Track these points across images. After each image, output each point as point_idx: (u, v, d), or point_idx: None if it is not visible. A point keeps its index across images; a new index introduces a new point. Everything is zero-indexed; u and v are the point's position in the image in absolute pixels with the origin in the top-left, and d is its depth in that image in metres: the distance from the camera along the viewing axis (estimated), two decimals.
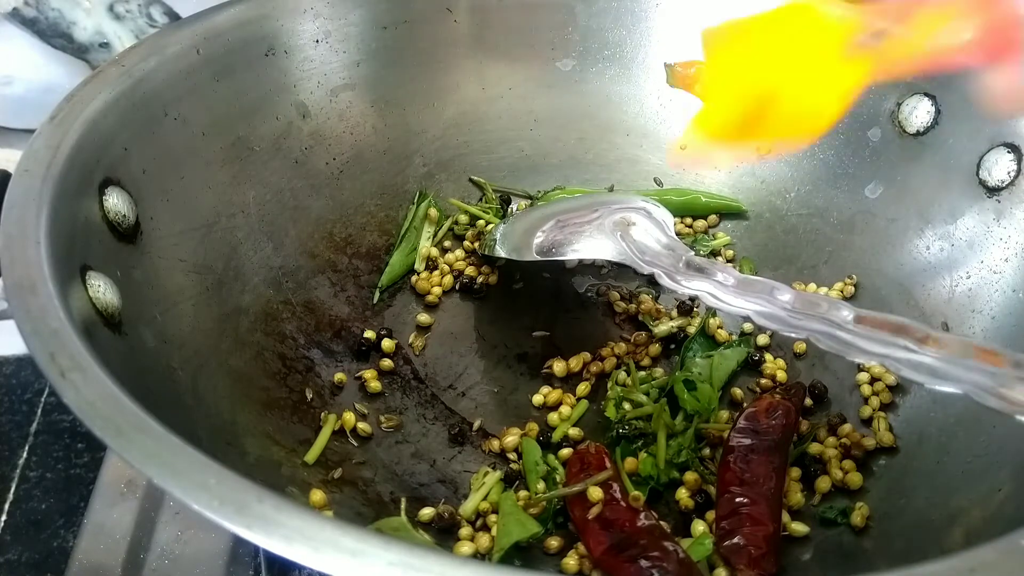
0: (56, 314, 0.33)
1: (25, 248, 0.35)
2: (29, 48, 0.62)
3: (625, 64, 0.64)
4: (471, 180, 0.65)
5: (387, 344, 0.55)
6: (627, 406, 0.52)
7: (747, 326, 0.58)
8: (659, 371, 0.55)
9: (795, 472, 0.49)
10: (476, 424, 0.52)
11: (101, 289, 0.38)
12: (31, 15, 0.56)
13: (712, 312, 0.58)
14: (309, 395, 0.50)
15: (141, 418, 0.29)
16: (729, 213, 0.64)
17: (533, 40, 0.63)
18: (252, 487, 0.27)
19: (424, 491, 0.48)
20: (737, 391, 0.54)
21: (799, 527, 0.45)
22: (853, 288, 0.57)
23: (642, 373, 0.54)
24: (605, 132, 0.65)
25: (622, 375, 0.54)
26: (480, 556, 0.44)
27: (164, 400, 0.39)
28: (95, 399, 0.30)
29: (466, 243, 0.63)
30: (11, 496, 0.51)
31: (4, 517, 0.50)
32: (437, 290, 0.60)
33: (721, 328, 0.57)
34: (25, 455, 0.54)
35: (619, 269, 0.62)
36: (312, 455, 0.47)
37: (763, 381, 0.54)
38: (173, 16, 0.58)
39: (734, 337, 0.57)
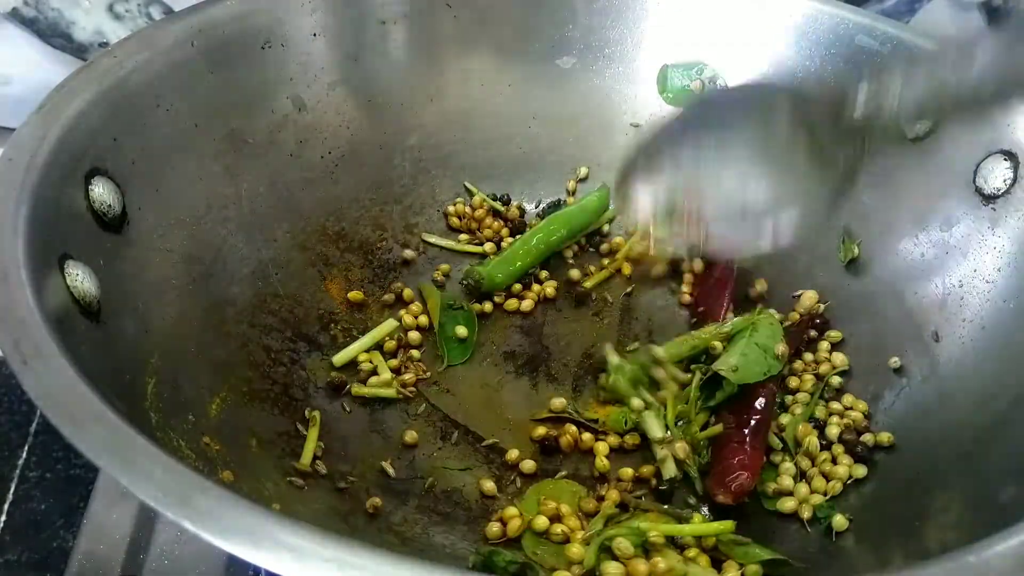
0: (25, 302, 0.33)
1: (0, 237, 0.36)
2: (28, 48, 0.61)
3: (626, 63, 0.64)
4: (466, 187, 0.65)
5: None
6: None
7: None
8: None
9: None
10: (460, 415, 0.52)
11: (79, 278, 0.39)
12: (30, 15, 0.56)
13: None
14: (292, 388, 0.50)
15: (98, 407, 0.30)
16: None
17: (533, 37, 0.63)
18: (197, 479, 0.27)
19: (400, 486, 0.48)
20: None
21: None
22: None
23: None
24: (605, 131, 0.65)
25: None
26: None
27: (139, 390, 0.40)
28: (54, 387, 0.30)
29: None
30: (11, 496, 0.51)
31: (4, 517, 0.50)
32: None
33: None
34: (25, 455, 0.53)
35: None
36: (306, 460, 0.47)
37: None
38: None
39: None
